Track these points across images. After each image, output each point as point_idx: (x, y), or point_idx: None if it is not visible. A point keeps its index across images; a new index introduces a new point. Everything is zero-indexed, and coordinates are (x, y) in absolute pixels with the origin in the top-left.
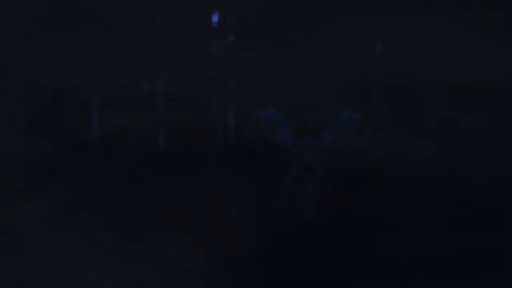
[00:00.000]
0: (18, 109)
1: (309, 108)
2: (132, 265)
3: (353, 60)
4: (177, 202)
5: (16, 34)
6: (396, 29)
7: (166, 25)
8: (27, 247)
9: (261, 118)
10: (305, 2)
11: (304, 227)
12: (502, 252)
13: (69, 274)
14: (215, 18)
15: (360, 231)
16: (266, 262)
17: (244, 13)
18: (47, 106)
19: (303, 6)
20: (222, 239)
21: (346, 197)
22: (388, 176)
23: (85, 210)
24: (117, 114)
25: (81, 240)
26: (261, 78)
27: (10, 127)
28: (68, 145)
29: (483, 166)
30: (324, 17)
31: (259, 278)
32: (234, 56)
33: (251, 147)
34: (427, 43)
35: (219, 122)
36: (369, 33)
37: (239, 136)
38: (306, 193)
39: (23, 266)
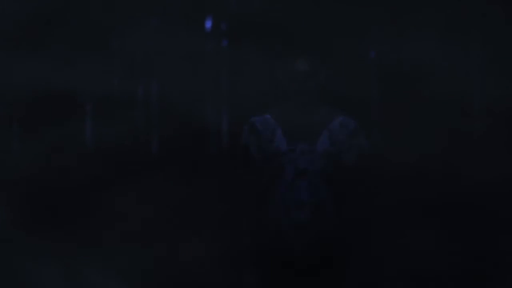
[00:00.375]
0: (12, 113)
1: (303, 113)
2: (131, 265)
3: (349, 64)
4: (170, 204)
5: (11, 36)
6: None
7: (160, 30)
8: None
9: (256, 123)
10: (299, 8)
11: (299, 232)
12: (503, 252)
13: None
14: (208, 23)
15: (356, 235)
16: (260, 265)
17: (238, 18)
18: (40, 109)
19: (298, 11)
20: (216, 242)
21: (341, 202)
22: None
23: (80, 212)
24: (111, 117)
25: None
26: (254, 82)
27: (4, 131)
28: (62, 148)
29: (483, 167)
30: (319, 22)
31: (253, 281)
32: (227, 60)
33: (246, 152)
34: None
35: (213, 126)
36: (365, 36)
37: (234, 141)
38: (300, 198)
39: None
